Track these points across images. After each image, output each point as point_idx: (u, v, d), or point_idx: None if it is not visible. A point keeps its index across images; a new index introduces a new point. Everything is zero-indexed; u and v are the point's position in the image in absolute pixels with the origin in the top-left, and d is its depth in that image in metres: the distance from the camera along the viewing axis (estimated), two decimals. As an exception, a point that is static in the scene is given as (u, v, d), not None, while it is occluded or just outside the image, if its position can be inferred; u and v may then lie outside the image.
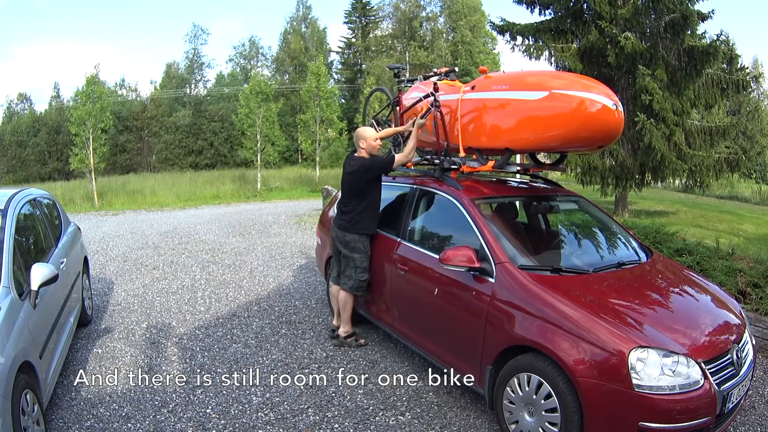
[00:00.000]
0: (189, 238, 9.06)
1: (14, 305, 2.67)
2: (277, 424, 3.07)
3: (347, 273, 4.06)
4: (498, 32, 12.97)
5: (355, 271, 4.01)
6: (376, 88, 5.72)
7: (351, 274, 4.03)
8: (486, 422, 3.10)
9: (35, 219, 3.89)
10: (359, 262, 3.99)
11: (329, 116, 22.63)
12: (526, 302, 2.77)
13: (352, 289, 4.04)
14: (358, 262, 3.99)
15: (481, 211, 3.35)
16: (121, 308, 5.19)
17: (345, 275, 4.09)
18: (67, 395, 3.38)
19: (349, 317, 4.17)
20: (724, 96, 12.44)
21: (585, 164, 11.95)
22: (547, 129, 3.23)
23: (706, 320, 2.82)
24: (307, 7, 43.63)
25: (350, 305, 4.13)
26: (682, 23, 10.78)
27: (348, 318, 4.17)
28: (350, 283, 4.03)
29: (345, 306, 4.13)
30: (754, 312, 4.17)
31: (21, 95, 44.19)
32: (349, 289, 4.06)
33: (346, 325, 4.19)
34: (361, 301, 4.27)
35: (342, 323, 4.21)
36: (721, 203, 19.07)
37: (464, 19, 39.56)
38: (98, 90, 16.99)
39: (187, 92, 41.27)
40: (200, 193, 18.70)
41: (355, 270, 4.01)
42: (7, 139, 39.13)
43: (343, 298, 4.12)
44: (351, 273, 4.03)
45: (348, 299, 4.11)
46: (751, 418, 3.21)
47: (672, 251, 4.97)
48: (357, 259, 3.99)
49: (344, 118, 26.44)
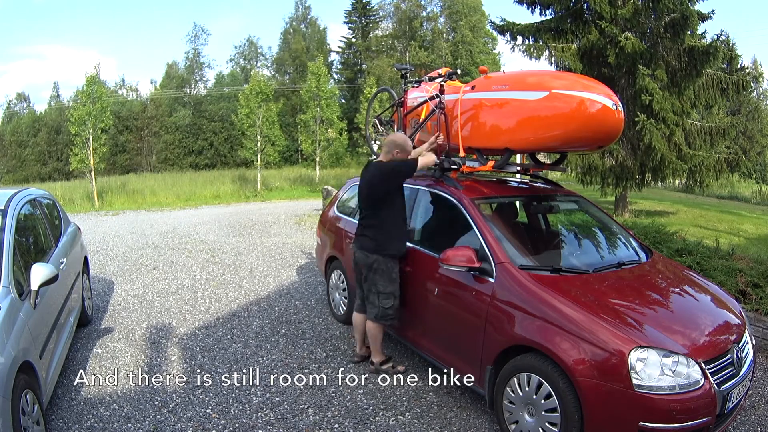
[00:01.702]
0: (189, 238, 9.06)
1: (14, 305, 2.67)
2: (277, 424, 3.07)
3: (371, 300, 3.60)
4: (498, 32, 12.97)
5: (378, 297, 3.54)
6: (381, 88, 5.70)
7: (374, 301, 3.57)
8: (486, 422, 3.10)
9: (35, 219, 3.89)
10: (382, 287, 3.52)
11: (329, 116, 22.65)
12: (526, 302, 2.77)
13: (377, 318, 3.57)
14: (380, 287, 3.52)
15: (481, 211, 3.35)
16: (121, 308, 5.19)
17: (369, 302, 3.63)
18: (67, 395, 3.38)
19: (380, 347, 3.72)
20: (724, 96, 12.44)
21: (585, 164, 11.95)
22: (547, 129, 3.23)
23: (706, 320, 2.82)
24: (306, 7, 43.68)
25: (380, 336, 3.68)
26: (682, 23, 10.79)
27: (379, 348, 3.72)
28: (374, 312, 3.57)
29: (374, 338, 3.67)
30: (754, 312, 4.17)
31: (21, 95, 44.26)
32: (373, 318, 3.60)
33: (378, 355, 3.74)
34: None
35: (373, 353, 3.75)
36: (721, 203, 19.07)
37: (464, 19, 39.58)
38: (98, 90, 16.97)
39: (187, 92, 41.26)
40: (200, 193, 18.69)
41: (378, 296, 3.54)
42: (7, 139, 39.14)
43: (372, 329, 3.65)
44: (374, 300, 3.57)
45: (376, 330, 3.64)
46: (751, 418, 3.21)
47: (672, 251, 4.97)
48: (380, 284, 3.52)
49: (344, 118, 26.45)
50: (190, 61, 42.06)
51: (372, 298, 3.58)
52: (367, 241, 3.57)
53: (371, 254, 3.53)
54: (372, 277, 3.53)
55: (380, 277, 3.51)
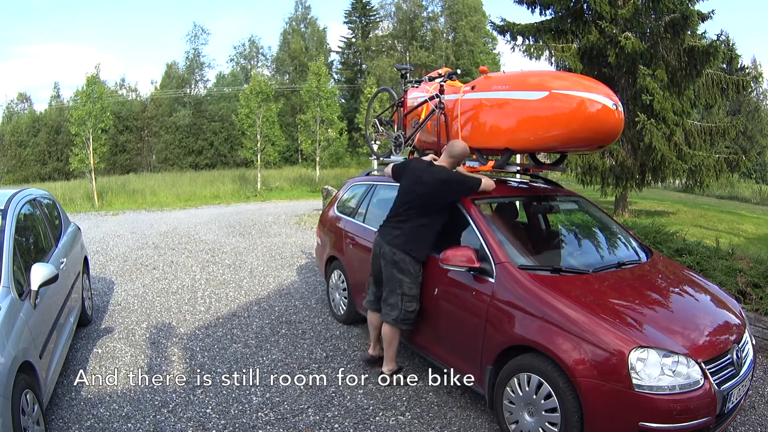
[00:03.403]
0: (189, 238, 9.06)
1: (14, 305, 2.67)
2: (277, 424, 3.07)
3: (391, 301, 3.39)
4: (498, 32, 12.98)
5: (401, 299, 3.34)
6: (381, 88, 5.70)
7: (396, 303, 3.36)
8: (486, 422, 3.10)
9: (35, 219, 3.89)
10: (407, 288, 3.34)
11: (329, 116, 22.64)
12: (526, 302, 2.77)
13: (397, 321, 3.38)
14: (406, 289, 3.34)
15: (481, 211, 3.35)
16: (121, 308, 5.19)
17: (388, 303, 3.41)
18: (67, 395, 3.38)
19: (394, 354, 3.55)
20: (724, 96, 12.46)
21: (585, 164, 11.95)
22: (547, 129, 3.23)
23: (706, 320, 2.82)
24: (306, 7, 43.62)
25: (396, 341, 3.51)
26: (682, 23, 10.79)
27: (393, 355, 3.54)
28: (394, 314, 3.38)
29: (390, 342, 3.48)
30: (754, 312, 4.17)
31: (21, 95, 44.20)
32: (392, 321, 3.40)
33: (390, 363, 3.55)
34: (360, 301, 4.26)
35: (385, 361, 3.57)
36: (721, 203, 19.08)
37: (465, 19, 39.59)
38: (98, 90, 16.96)
39: (187, 92, 41.24)
40: (200, 193, 18.68)
41: (401, 298, 3.34)
42: (7, 139, 39.09)
43: (388, 333, 3.46)
44: (396, 302, 3.36)
45: (393, 334, 3.45)
46: (751, 418, 3.21)
47: (672, 251, 4.97)
48: (405, 286, 3.34)
49: (344, 118, 26.45)
50: (190, 61, 42.01)
51: (393, 300, 3.37)
52: (398, 238, 3.38)
53: (399, 251, 3.35)
54: (398, 276, 3.35)
55: (407, 277, 3.34)
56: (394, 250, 3.36)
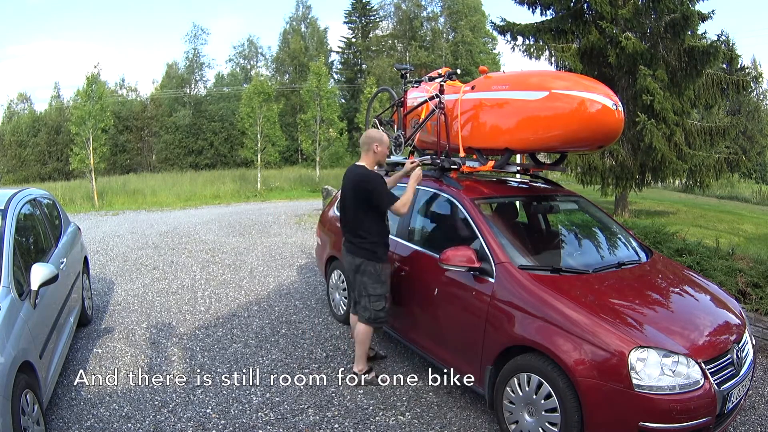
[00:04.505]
0: (189, 238, 9.06)
1: (14, 305, 2.67)
2: (277, 424, 3.07)
3: (362, 303, 3.53)
4: (498, 32, 12.99)
5: (369, 300, 3.47)
6: (381, 88, 5.69)
7: (366, 305, 3.49)
8: (486, 422, 3.10)
9: (35, 219, 3.89)
10: (371, 289, 3.45)
11: (329, 116, 22.64)
12: (526, 302, 2.77)
13: (369, 321, 3.50)
14: (370, 290, 3.46)
15: (481, 211, 3.35)
16: (121, 308, 5.19)
17: (360, 306, 3.56)
18: (67, 395, 3.38)
19: (364, 353, 3.62)
20: (724, 96, 12.47)
21: (585, 164, 11.96)
22: (547, 129, 3.23)
23: (706, 320, 2.82)
24: (306, 6, 43.61)
25: (368, 341, 3.60)
26: (683, 23, 10.80)
27: (363, 354, 3.61)
28: (366, 315, 3.50)
29: (361, 343, 3.57)
30: (754, 312, 4.17)
31: (21, 95, 44.17)
32: (365, 321, 3.51)
33: (360, 362, 3.61)
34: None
35: (357, 360, 3.64)
36: (721, 203, 19.08)
37: (465, 19, 39.56)
38: (98, 90, 16.96)
39: (187, 92, 41.23)
40: (200, 193, 18.68)
41: (369, 299, 3.47)
42: (7, 139, 39.07)
43: (361, 333, 3.55)
44: (365, 303, 3.49)
45: (366, 335, 3.55)
46: (751, 418, 3.21)
47: (672, 251, 4.97)
48: (369, 287, 3.46)
49: (344, 118, 26.45)
50: (189, 61, 42.00)
51: (363, 302, 3.50)
52: (353, 244, 3.53)
53: (357, 257, 3.48)
54: (360, 279, 3.49)
55: (369, 278, 3.46)
56: (353, 255, 3.52)
